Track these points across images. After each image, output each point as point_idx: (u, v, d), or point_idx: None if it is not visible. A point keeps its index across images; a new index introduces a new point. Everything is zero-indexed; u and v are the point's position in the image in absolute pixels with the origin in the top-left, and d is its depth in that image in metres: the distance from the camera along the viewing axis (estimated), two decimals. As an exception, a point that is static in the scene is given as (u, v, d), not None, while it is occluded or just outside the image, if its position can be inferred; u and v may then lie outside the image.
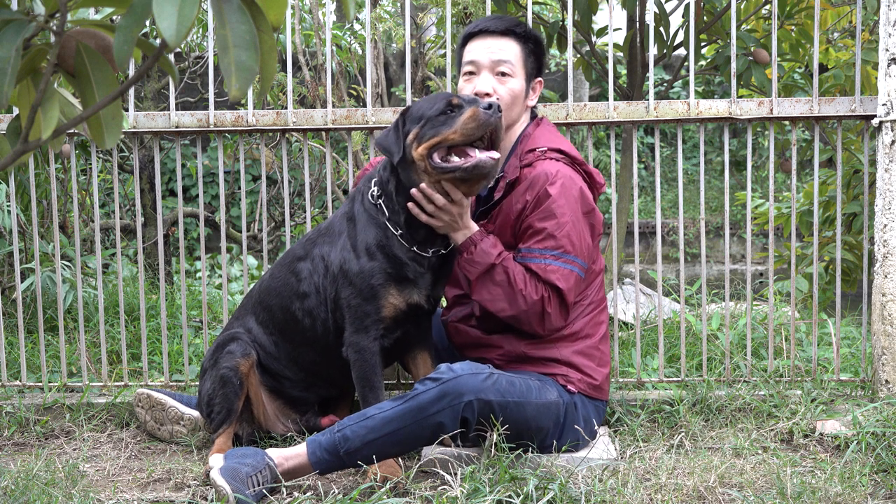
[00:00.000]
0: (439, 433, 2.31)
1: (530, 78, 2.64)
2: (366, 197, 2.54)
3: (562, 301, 2.48)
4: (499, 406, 2.33)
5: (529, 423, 2.40)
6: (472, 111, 2.35)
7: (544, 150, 2.55)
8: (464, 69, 2.64)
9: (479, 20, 2.67)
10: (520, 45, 2.62)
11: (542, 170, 2.50)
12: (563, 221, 2.47)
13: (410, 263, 2.49)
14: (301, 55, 5.00)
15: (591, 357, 2.58)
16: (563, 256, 2.47)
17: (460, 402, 2.29)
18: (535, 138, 2.60)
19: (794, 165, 3.11)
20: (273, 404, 2.75)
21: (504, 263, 2.47)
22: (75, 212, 3.21)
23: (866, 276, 3.15)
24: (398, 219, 2.48)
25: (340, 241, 2.53)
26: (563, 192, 2.48)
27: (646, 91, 4.24)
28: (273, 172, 7.20)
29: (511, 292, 2.46)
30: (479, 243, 2.48)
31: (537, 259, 2.47)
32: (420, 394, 2.30)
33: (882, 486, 2.30)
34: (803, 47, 4.13)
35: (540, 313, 2.47)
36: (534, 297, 2.45)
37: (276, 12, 1.12)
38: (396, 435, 2.30)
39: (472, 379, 2.32)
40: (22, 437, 2.89)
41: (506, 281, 2.46)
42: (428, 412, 2.29)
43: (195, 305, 4.41)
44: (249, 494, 2.18)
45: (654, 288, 5.35)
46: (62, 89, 1.30)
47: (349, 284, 2.48)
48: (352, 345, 2.50)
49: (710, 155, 11.72)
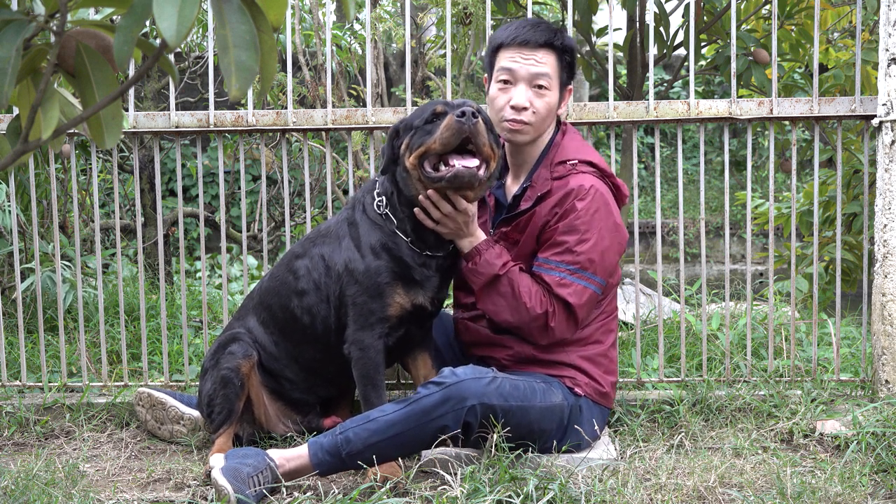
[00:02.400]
0: (441, 436, 2.31)
1: (563, 87, 2.61)
2: (368, 207, 2.54)
3: (570, 316, 2.47)
4: (502, 410, 2.33)
5: (532, 426, 2.40)
6: (448, 120, 2.35)
7: (575, 163, 2.53)
8: (498, 76, 2.56)
9: (516, 28, 2.58)
10: (556, 58, 2.56)
11: (575, 184, 2.48)
12: (585, 238, 2.45)
13: (418, 267, 2.50)
14: (301, 55, 5.00)
15: (599, 364, 2.58)
16: (578, 272, 2.45)
17: (463, 406, 2.29)
18: (564, 148, 2.57)
19: (794, 165, 3.10)
20: (274, 405, 2.75)
21: (509, 275, 2.46)
22: (75, 212, 3.21)
23: (866, 276, 3.15)
24: (405, 227, 2.49)
25: (343, 242, 2.54)
26: (590, 208, 2.46)
27: (646, 91, 4.24)
28: (273, 172, 7.20)
29: (515, 304, 2.45)
30: (483, 253, 2.48)
31: (552, 272, 2.46)
32: (423, 397, 2.30)
33: (882, 486, 2.30)
34: (803, 47, 4.13)
35: (542, 327, 2.46)
36: (537, 311, 2.44)
37: (276, 12, 1.12)
38: (399, 438, 2.30)
39: (476, 383, 2.31)
40: (22, 437, 2.89)
41: (510, 293, 2.45)
42: (431, 416, 2.29)
43: (195, 305, 4.41)
44: (250, 494, 2.18)
45: (654, 288, 5.35)
46: (62, 89, 1.30)
47: (355, 283, 2.49)
48: (355, 342, 2.50)
49: (710, 155, 11.72)
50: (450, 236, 2.49)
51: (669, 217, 10.81)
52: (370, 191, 2.57)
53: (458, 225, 2.45)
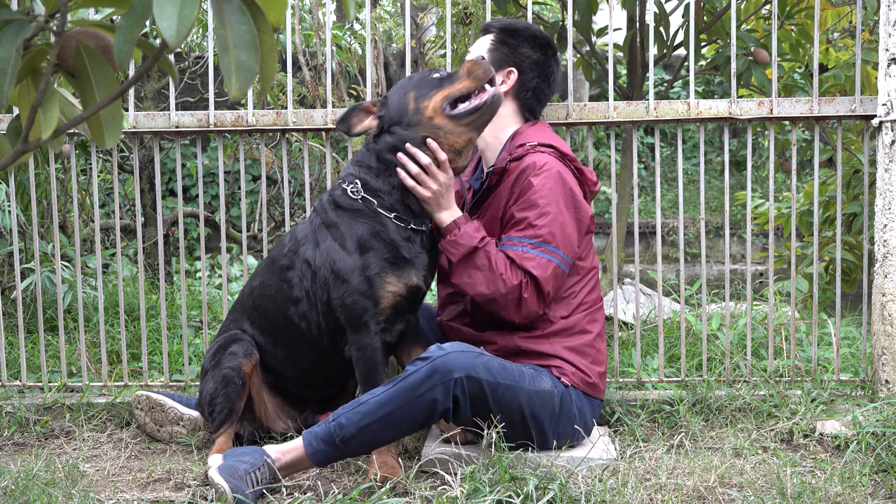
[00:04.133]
0: (433, 412, 2.31)
1: (499, 66, 2.69)
2: (341, 199, 2.53)
3: (538, 289, 2.49)
4: (489, 386, 2.33)
5: (524, 411, 2.40)
6: (471, 62, 2.52)
7: (534, 144, 2.59)
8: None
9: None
10: (491, 38, 2.72)
11: (529, 161, 2.55)
12: (543, 212, 2.50)
13: (405, 244, 2.50)
14: (301, 55, 5.00)
15: (585, 355, 2.58)
16: (541, 246, 2.49)
17: (450, 378, 2.29)
18: (527, 135, 2.65)
19: (794, 165, 3.10)
20: (273, 401, 2.75)
21: (486, 248, 2.50)
22: (75, 212, 3.21)
23: (866, 276, 3.15)
24: (391, 200, 2.50)
25: (324, 245, 2.52)
26: (546, 183, 2.51)
27: (646, 91, 4.24)
28: (273, 172, 7.20)
29: (492, 276, 2.48)
30: (462, 226, 2.52)
31: (515, 247, 2.50)
32: (411, 374, 2.31)
33: (882, 486, 2.30)
34: (803, 47, 4.13)
35: (517, 299, 2.48)
36: (513, 282, 2.47)
37: (276, 12, 1.13)
38: (391, 418, 2.30)
39: (462, 356, 2.33)
40: (22, 437, 2.89)
41: (487, 265, 2.48)
42: (419, 391, 2.29)
43: (195, 305, 4.41)
44: (248, 493, 2.18)
45: (654, 288, 5.35)
46: (62, 89, 1.30)
47: (342, 283, 2.47)
48: (353, 343, 2.50)
49: (710, 155, 11.72)
50: (431, 204, 2.52)
51: (669, 217, 10.81)
52: (337, 188, 2.57)
53: (438, 186, 2.49)
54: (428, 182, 2.49)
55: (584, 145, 10.81)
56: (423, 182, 2.49)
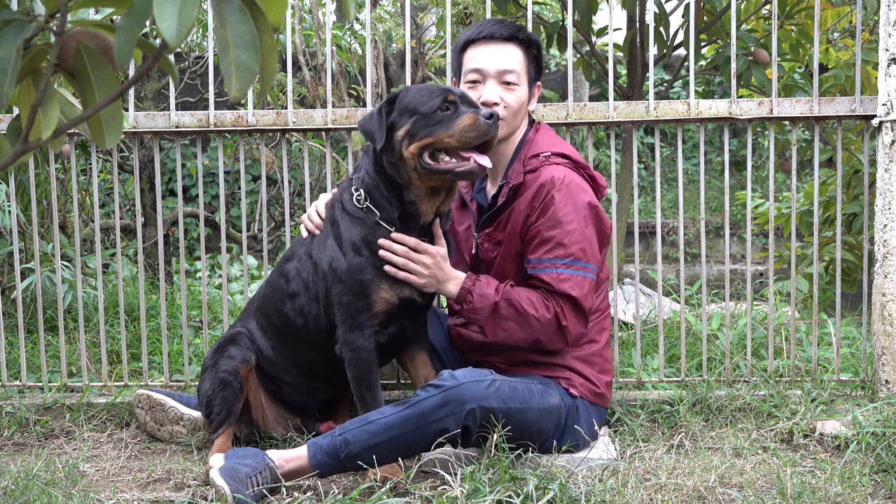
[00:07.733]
0: (441, 437, 2.30)
1: (532, 83, 2.63)
2: (347, 203, 2.51)
3: (577, 309, 2.46)
4: (501, 412, 2.32)
5: (531, 427, 2.40)
6: (473, 119, 2.33)
7: (548, 155, 2.53)
8: (467, 77, 2.60)
9: (479, 25, 2.63)
10: (522, 52, 2.59)
11: (547, 175, 2.48)
12: (570, 229, 2.44)
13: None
14: (301, 55, 5.00)
15: (593, 364, 2.58)
16: (574, 264, 2.44)
17: (463, 409, 2.28)
18: (537, 143, 2.59)
19: (794, 165, 3.10)
20: (273, 408, 2.75)
21: (506, 297, 2.45)
22: (75, 212, 3.20)
23: (866, 276, 3.15)
24: (391, 216, 2.46)
25: (328, 241, 2.53)
26: (568, 199, 2.46)
27: (646, 91, 4.24)
28: (273, 172, 7.20)
29: (523, 320, 2.43)
30: (473, 290, 2.46)
31: (549, 269, 2.45)
32: (422, 400, 2.29)
33: (882, 486, 2.30)
34: (803, 47, 4.13)
35: (557, 330, 2.45)
36: (547, 317, 2.43)
37: (276, 12, 1.12)
38: (398, 440, 2.29)
39: (475, 386, 2.30)
40: (22, 437, 2.89)
41: (514, 313, 2.44)
42: (430, 419, 2.28)
43: (195, 305, 4.41)
44: (248, 495, 2.18)
45: (654, 288, 5.35)
46: (62, 89, 1.30)
47: (339, 282, 2.47)
48: (346, 343, 2.48)
49: (710, 155, 11.72)
50: (429, 285, 2.47)
51: (669, 217, 10.81)
52: (348, 188, 2.55)
53: (434, 264, 2.43)
54: (417, 269, 2.44)
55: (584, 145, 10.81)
56: (414, 271, 2.44)
